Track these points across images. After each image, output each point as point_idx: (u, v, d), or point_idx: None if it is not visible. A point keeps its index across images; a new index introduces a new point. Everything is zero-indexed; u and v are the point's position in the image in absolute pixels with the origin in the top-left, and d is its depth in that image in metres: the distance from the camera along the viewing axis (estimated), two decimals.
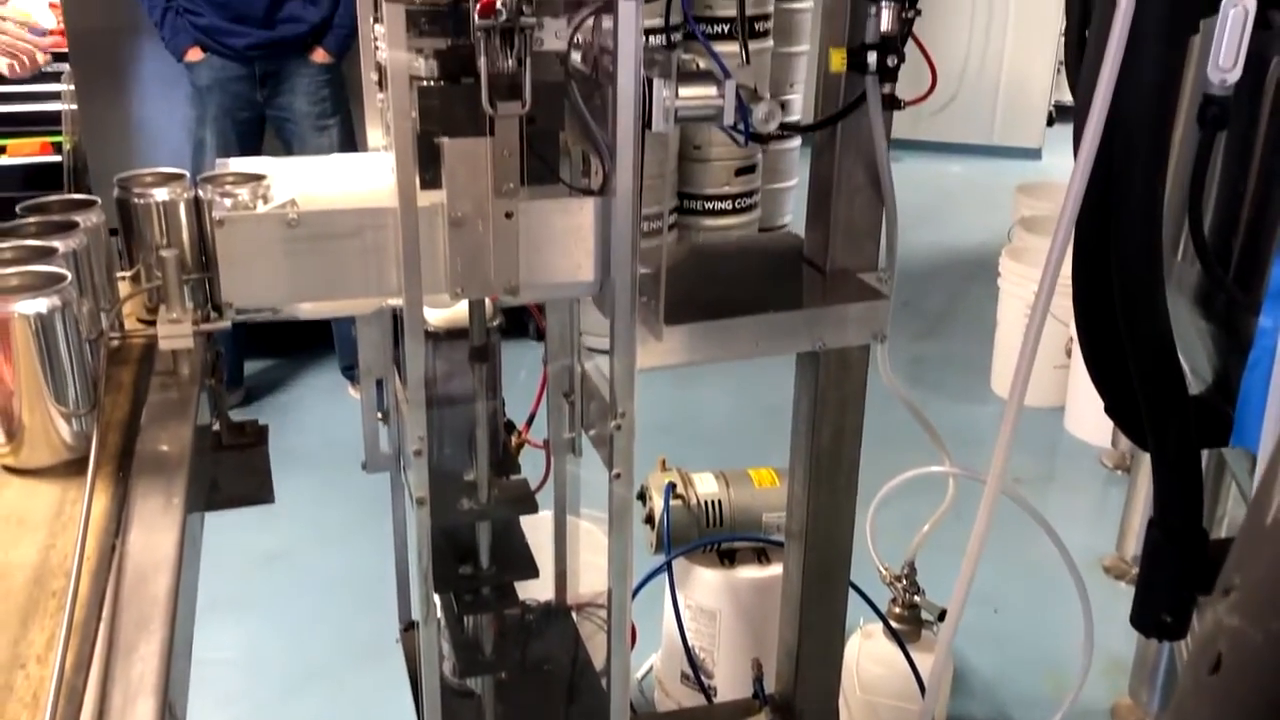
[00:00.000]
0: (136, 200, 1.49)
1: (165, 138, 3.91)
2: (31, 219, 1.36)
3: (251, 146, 3.63)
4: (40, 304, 1.12)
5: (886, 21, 1.48)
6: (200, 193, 1.52)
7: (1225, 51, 1.43)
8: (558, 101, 1.54)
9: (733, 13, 4.36)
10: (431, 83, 1.45)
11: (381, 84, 1.55)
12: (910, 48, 1.62)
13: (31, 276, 1.17)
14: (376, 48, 1.54)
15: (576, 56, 1.53)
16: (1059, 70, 7.05)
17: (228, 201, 1.48)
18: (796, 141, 5.70)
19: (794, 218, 5.88)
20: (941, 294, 5.18)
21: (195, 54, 3.47)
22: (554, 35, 1.43)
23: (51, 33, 4.35)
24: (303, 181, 1.63)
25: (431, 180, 1.47)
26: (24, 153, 4.13)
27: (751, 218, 5.03)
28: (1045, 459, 3.89)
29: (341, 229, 1.45)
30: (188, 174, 1.57)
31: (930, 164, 6.99)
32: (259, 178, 1.54)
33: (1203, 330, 1.72)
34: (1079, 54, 1.62)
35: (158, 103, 3.91)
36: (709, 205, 4.86)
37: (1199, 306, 1.71)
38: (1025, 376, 1.51)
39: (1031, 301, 1.49)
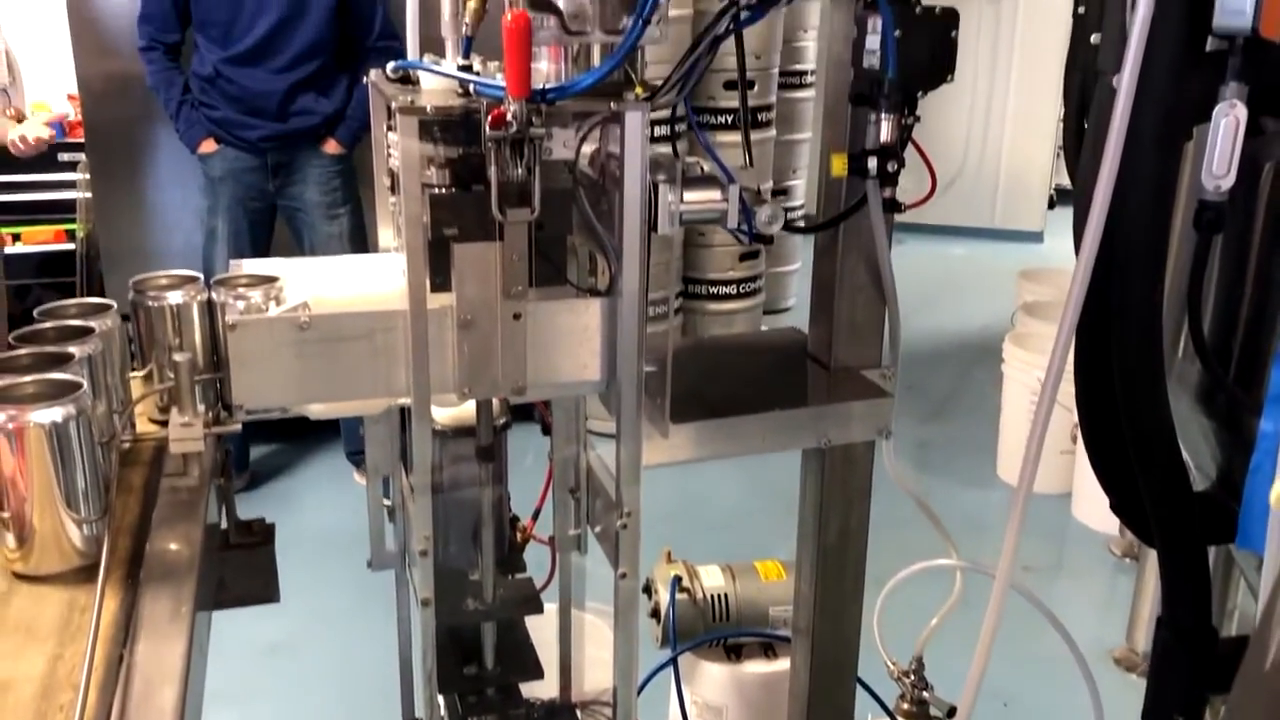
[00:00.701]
0: (151, 303, 1.51)
1: (178, 226, 3.97)
2: (48, 324, 1.38)
3: (263, 235, 3.68)
4: (55, 413, 1.14)
5: (886, 132, 1.52)
6: (214, 295, 1.55)
7: (1218, 159, 1.46)
8: (565, 206, 1.57)
9: (735, 104, 4.44)
10: (443, 190, 1.48)
11: (394, 188, 1.58)
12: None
13: (48, 384, 1.19)
14: (389, 154, 1.58)
15: (584, 162, 1.56)
16: (1058, 155, 7.15)
17: (240, 304, 1.51)
18: (800, 225, 5.76)
19: (798, 300, 5.93)
20: (946, 377, 5.20)
21: (209, 145, 3.54)
22: (562, 145, 1.47)
23: (69, 122, 4.45)
24: (315, 282, 1.66)
25: (441, 283, 1.50)
26: (38, 240, 4.20)
27: (756, 302, 5.07)
28: (1053, 547, 3.87)
29: (352, 331, 1.47)
30: (201, 276, 1.59)
31: (933, 247, 7.06)
32: (272, 280, 1.57)
33: (1206, 428, 1.73)
34: (1078, 142, 1.66)
35: (171, 192, 3.97)
36: (713, 290, 4.90)
37: (1201, 404, 1.72)
38: (1032, 472, 1.52)
39: (1036, 388, 1.50)
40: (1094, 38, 1.60)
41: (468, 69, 1.47)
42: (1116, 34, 1.45)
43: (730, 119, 4.52)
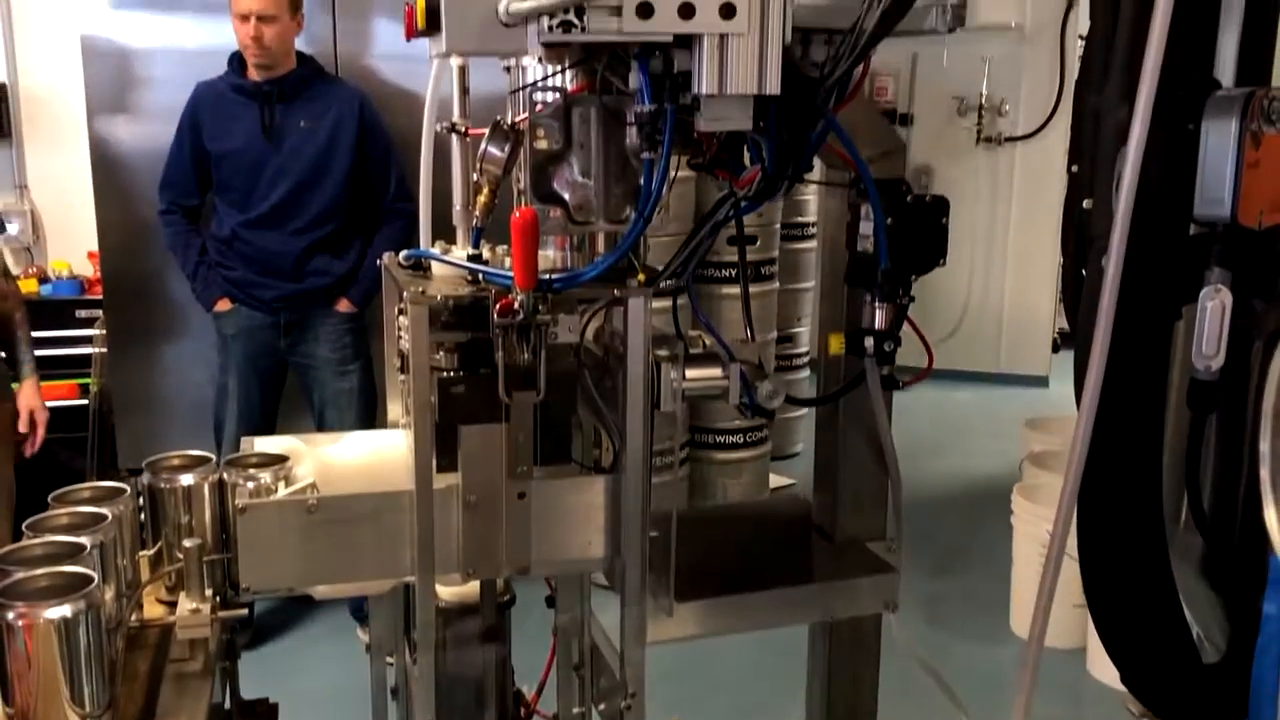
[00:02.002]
0: (164, 485, 1.54)
1: (190, 382, 4.02)
2: (62, 511, 1.40)
3: (273, 392, 3.73)
4: (65, 609, 1.16)
5: (880, 320, 1.56)
6: (224, 475, 1.57)
7: (1207, 341, 1.50)
8: (570, 386, 1.61)
9: (738, 259, 4.53)
10: (451, 373, 1.52)
11: (403, 369, 1.62)
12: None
13: (60, 577, 1.21)
14: (400, 336, 1.62)
15: (589, 342, 1.61)
16: (1060, 299, 7.25)
17: (250, 485, 1.53)
18: (806, 372, 5.81)
19: (805, 445, 5.93)
20: (955, 528, 5.17)
21: (224, 305, 3.61)
22: (567, 330, 1.51)
23: (89, 281, 4.56)
24: (324, 459, 1.69)
25: (448, 464, 1.52)
26: (53, 395, 4.24)
27: (763, 450, 5.08)
28: (1068, 705, 3.78)
29: (359, 512, 1.49)
30: (213, 456, 1.62)
31: (938, 392, 7.09)
32: (281, 459, 1.60)
33: (1212, 600, 1.72)
34: (1077, 292, 1.69)
35: (185, 348, 4.04)
36: (720, 439, 4.92)
37: (1205, 576, 1.72)
38: (1042, 629, 1.51)
39: (1046, 540, 1.50)
40: (1086, 203, 1.66)
41: (477, 258, 1.53)
42: (1106, 208, 1.50)
43: (733, 273, 4.61)
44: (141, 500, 1.59)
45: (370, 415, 3.67)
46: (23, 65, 4.64)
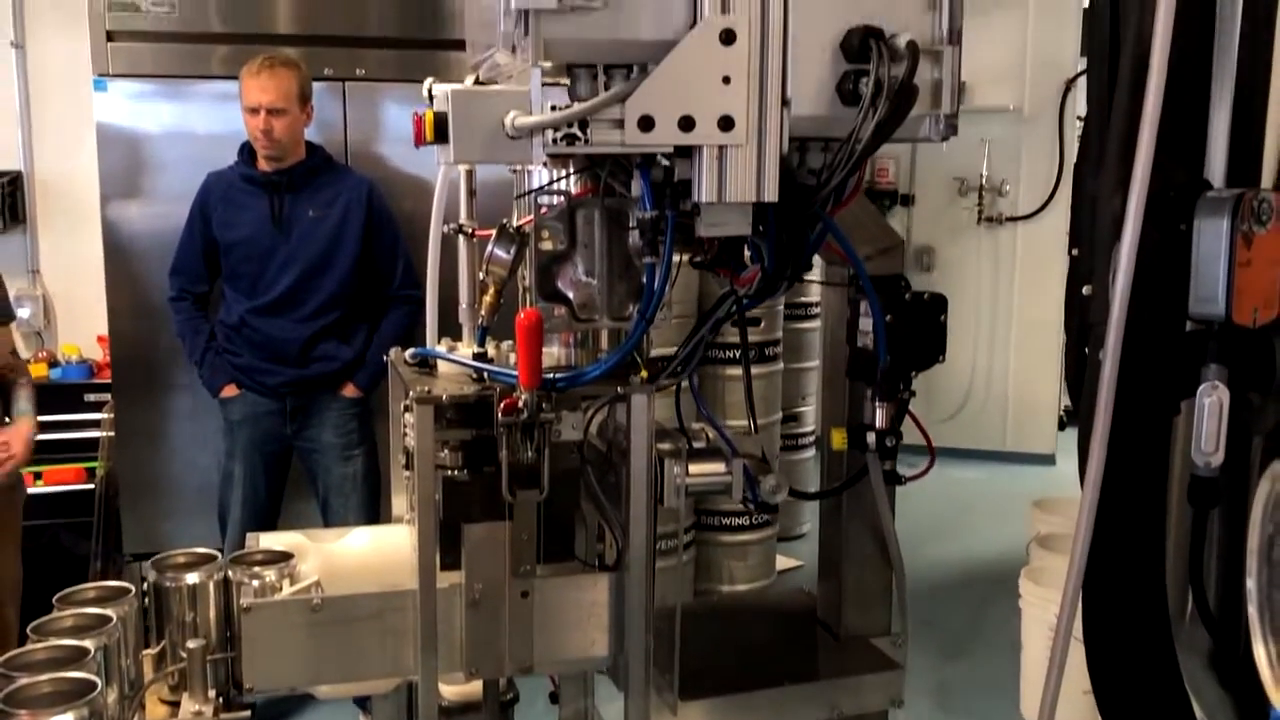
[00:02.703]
0: (169, 584, 1.54)
1: (196, 466, 4.03)
2: (67, 613, 1.41)
3: (278, 477, 3.73)
4: (68, 718, 1.15)
5: (881, 419, 1.58)
6: (229, 573, 1.58)
7: (1205, 437, 1.51)
8: (573, 484, 1.62)
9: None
10: (455, 471, 1.53)
11: (408, 465, 1.63)
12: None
13: (63, 683, 1.21)
14: (405, 433, 1.64)
15: (592, 436, 1.62)
16: (1065, 378, 7.25)
17: (255, 583, 1.54)
18: (811, 451, 5.81)
19: (812, 526, 5.90)
20: (963, 611, 5.11)
21: (231, 390, 3.63)
22: (571, 427, 1.53)
23: (98, 365, 4.60)
24: (329, 556, 1.69)
25: (452, 562, 1.53)
26: (58, 480, 4.26)
27: (769, 533, 5.05)
28: None
29: (363, 612, 1.50)
30: (219, 555, 1.63)
31: (944, 471, 7.03)
32: (286, 557, 1.60)
33: (1221, 695, 1.71)
34: (1080, 372, 1.70)
35: (191, 433, 4.05)
36: (726, 521, 4.89)
37: (1213, 671, 1.71)
38: (1050, 716, 1.50)
39: (1054, 624, 1.50)
40: (1085, 290, 1.68)
41: (483, 356, 1.55)
42: (1105, 296, 1.51)
43: (738, 354, 4.63)
44: (147, 598, 1.59)
45: (374, 501, 3.67)
46: (38, 152, 4.73)
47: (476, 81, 1.56)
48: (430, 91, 1.75)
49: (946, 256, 7.45)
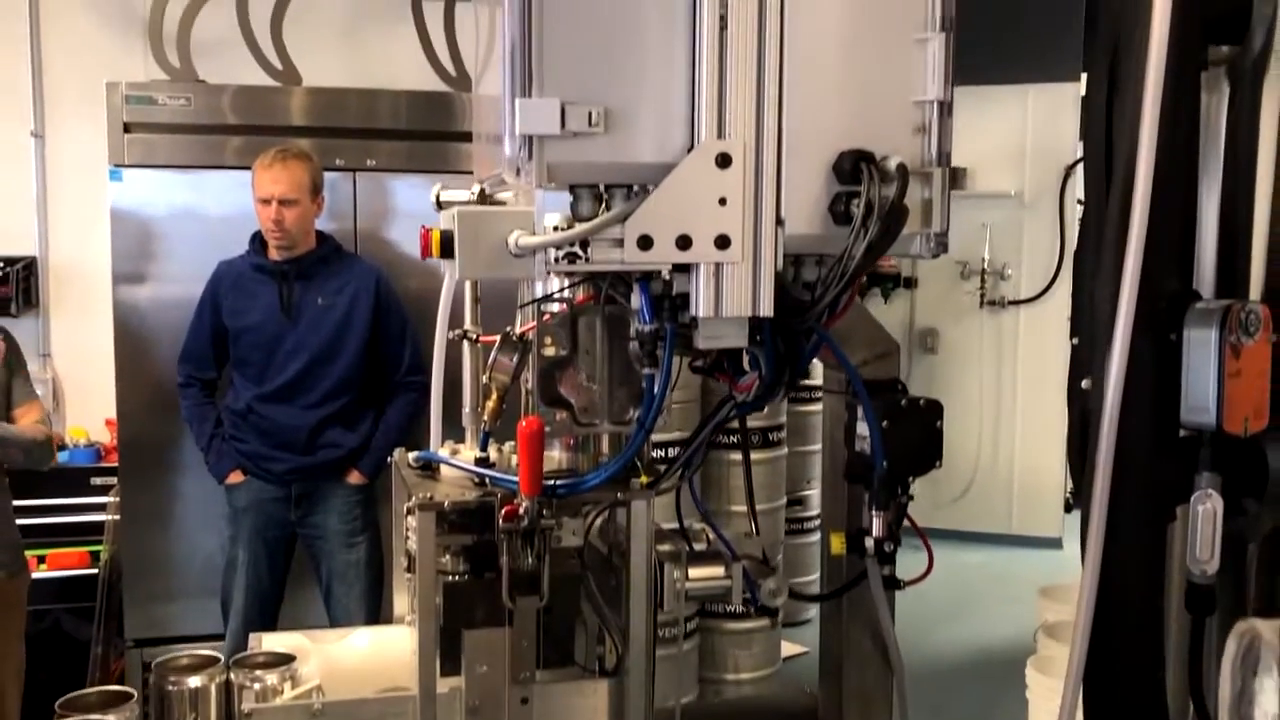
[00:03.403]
0: (171, 688, 1.55)
1: (200, 551, 4.03)
2: (72, 718, 1.41)
3: (281, 564, 3.73)
4: None
5: (878, 528, 1.59)
6: (231, 676, 1.59)
7: (1200, 545, 1.52)
8: (574, 588, 1.63)
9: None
10: (456, 577, 1.55)
11: (410, 568, 1.65)
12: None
13: None
14: (407, 535, 1.65)
15: (593, 538, 1.64)
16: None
17: (256, 686, 1.55)
18: (815, 536, 5.78)
19: (816, 610, 5.85)
20: (971, 700, 5.05)
21: (236, 477, 3.65)
22: (571, 533, 1.55)
23: (105, 448, 4.62)
24: (330, 658, 1.70)
25: (452, 667, 1.54)
26: (62, 565, 4.26)
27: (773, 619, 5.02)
28: None
29: (363, 717, 1.51)
30: (220, 657, 1.64)
31: (950, 553, 7.03)
32: (288, 659, 1.61)
33: None
34: (1081, 462, 1.71)
35: (195, 518, 4.06)
36: (729, 607, 4.86)
37: None
38: None
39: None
40: (1084, 383, 1.70)
41: (485, 461, 1.58)
42: (1102, 390, 1.53)
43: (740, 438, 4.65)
44: (148, 700, 1.60)
45: (377, 588, 3.67)
46: (53, 238, 4.81)
47: (482, 194, 1.61)
48: (439, 198, 1.81)
49: (950, 339, 7.49)
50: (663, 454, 2.72)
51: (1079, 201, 7.48)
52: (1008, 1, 6.39)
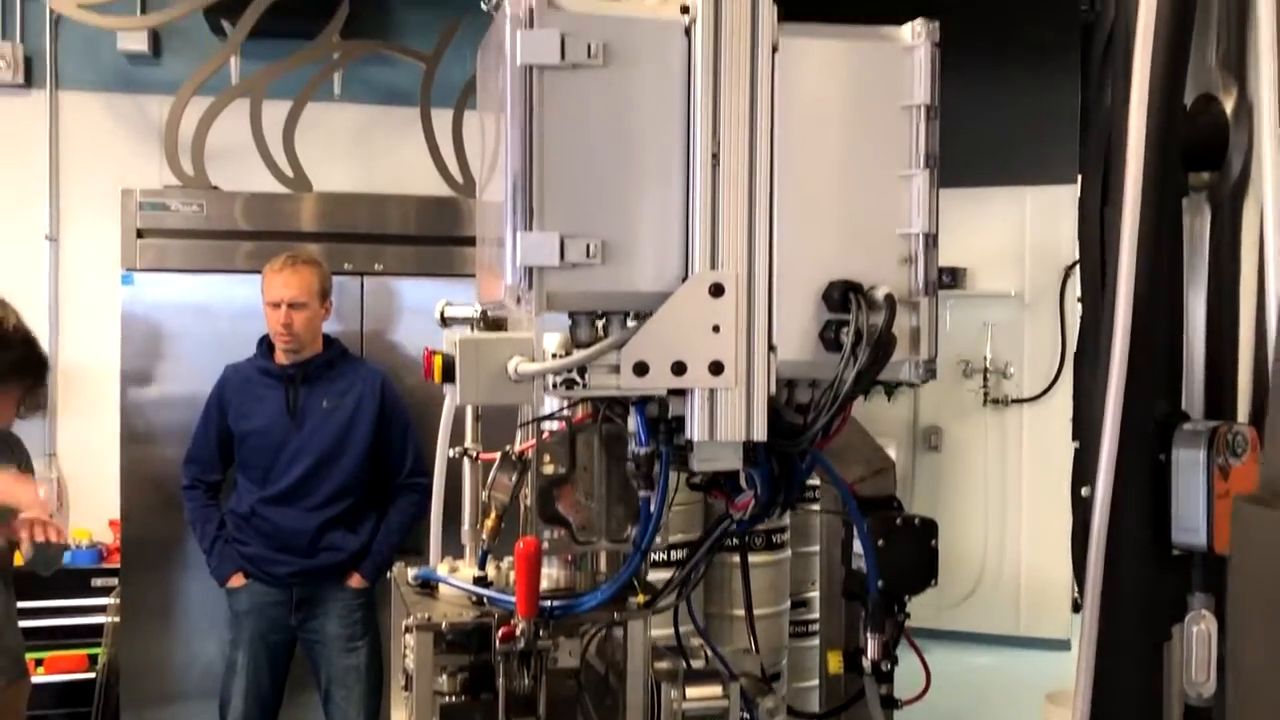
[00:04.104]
0: None
1: (200, 654, 4.01)
2: None
3: (282, 668, 3.71)
4: None
5: (874, 650, 1.60)
6: None
7: (1196, 667, 1.52)
8: (571, 712, 1.63)
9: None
10: (453, 698, 1.55)
11: (407, 686, 1.65)
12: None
13: None
14: (405, 654, 1.66)
15: (590, 656, 1.64)
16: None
17: None
18: (815, 640, 5.72)
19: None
20: None
21: (238, 580, 3.65)
22: (568, 654, 1.55)
23: (107, 549, 4.62)
24: None
25: None
26: (60, 669, 4.24)
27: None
28: None
29: None
30: None
31: (957, 656, 6.94)
32: None
33: None
34: (1082, 567, 1.70)
35: (196, 621, 4.04)
36: None
37: None
38: None
39: None
40: (1084, 490, 1.71)
41: (483, 580, 1.59)
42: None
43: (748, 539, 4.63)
44: None
45: (377, 693, 3.64)
46: (64, 339, 4.87)
47: (484, 315, 1.65)
48: (443, 314, 1.85)
49: (954, 436, 7.50)
50: (664, 557, 2.72)
51: (1078, 300, 7.56)
52: (1004, 104, 6.54)
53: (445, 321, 1.88)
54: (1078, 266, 1.87)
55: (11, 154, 4.77)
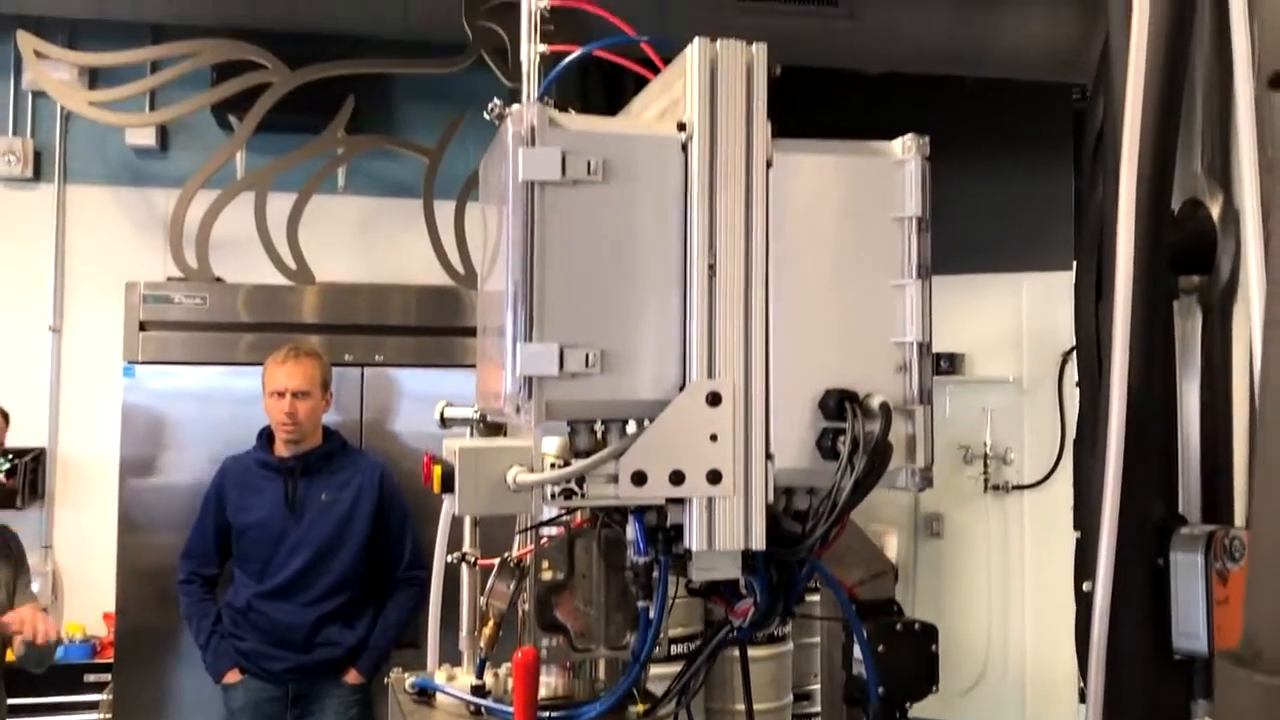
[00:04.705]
0: None
1: None
2: None
3: None
4: None
5: None
6: None
7: None
8: None
9: None
10: None
11: None
12: None
13: None
14: None
15: None
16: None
17: None
18: None
19: None
20: None
21: (233, 676, 3.60)
22: None
23: (101, 643, 4.57)
24: None
25: None
26: None
27: None
28: None
29: None
30: None
31: None
32: None
33: None
34: (1086, 660, 1.68)
35: (190, 715, 4.00)
36: None
37: None
38: None
39: None
40: (1085, 585, 1.70)
41: (480, 689, 1.58)
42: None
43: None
44: None
45: None
46: (64, 430, 4.87)
47: (483, 419, 1.66)
48: (443, 415, 1.87)
49: (956, 523, 7.45)
50: (664, 652, 2.69)
51: (1076, 385, 7.57)
52: (999, 193, 6.64)
53: (445, 423, 1.89)
54: (1074, 353, 1.89)
55: (18, 246, 4.82)
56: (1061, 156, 6.86)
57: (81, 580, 4.78)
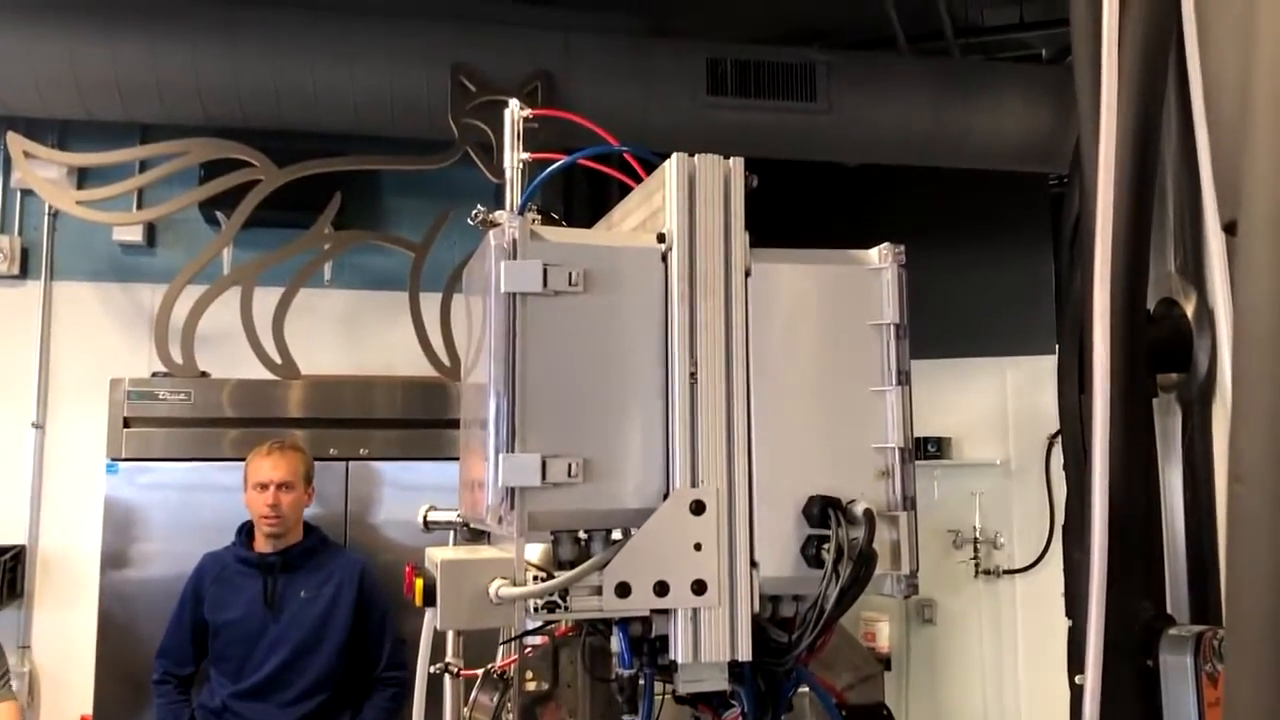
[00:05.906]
0: None
1: None
2: None
3: None
4: None
5: None
6: None
7: None
8: None
9: None
10: None
11: None
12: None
13: None
14: None
15: None
16: None
17: None
18: None
19: None
20: None
21: None
22: None
23: None
24: None
25: None
26: None
27: None
28: None
29: None
30: None
31: None
32: None
33: None
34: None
35: None
36: None
37: None
38: None
39: None
40: (1078, 679, 1.68)
41: None
42: None
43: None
44: None
45: None
46: (44, 528, 4.81)
47: (465, 525, 1.65)
48: (426, 519, 1.85)
49: (948, 609, 7.39)
50: None
51: (1063, 469, 7.57)
52: (983, 278, 6.72)
53: (428, 526, 1.88)
54: (1059, 437, 1.90)
55: (3, 342, 4.81)
56: (1041, 242, 6.96)
57: (59, 680, 4.68)
